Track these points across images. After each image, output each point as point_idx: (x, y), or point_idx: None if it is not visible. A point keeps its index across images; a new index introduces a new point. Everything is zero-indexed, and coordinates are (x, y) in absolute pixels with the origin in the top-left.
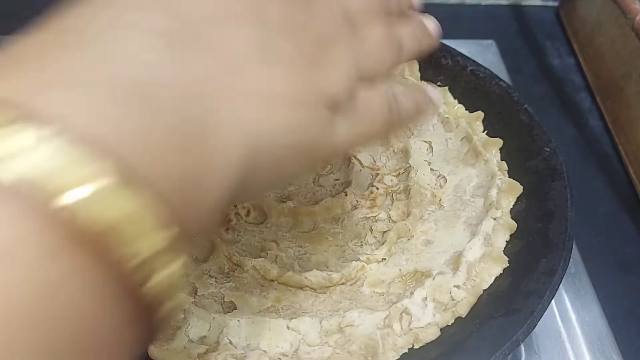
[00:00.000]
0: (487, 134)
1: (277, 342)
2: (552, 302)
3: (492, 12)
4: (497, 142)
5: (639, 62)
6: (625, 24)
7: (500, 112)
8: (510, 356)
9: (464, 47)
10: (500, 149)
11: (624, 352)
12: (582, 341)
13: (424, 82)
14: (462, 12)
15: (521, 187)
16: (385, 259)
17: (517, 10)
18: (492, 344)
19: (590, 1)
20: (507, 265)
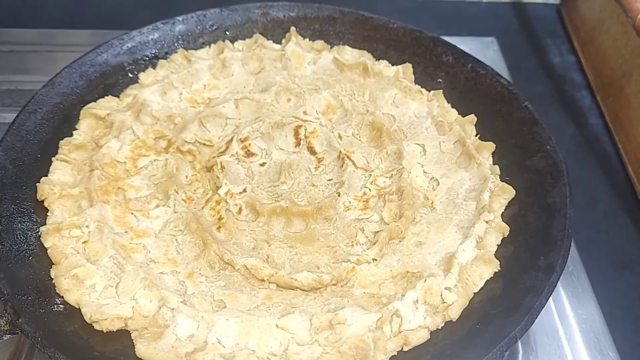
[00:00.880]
0: (486, 131)
1: (267, 342)
2: (550, 299)
3: (493, 9)
4: (490, 145)
5: (639, 61)
6: (626, 22)
7: (500, 110)
8: (507, 353)
9: (465, 44)
10: (492, 153)
11: (621, 350)
12: (579, 338)
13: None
14: (463, 9)
15: (514, 190)
16: (376, 260)
17: (519, 7)
18: (489, 341)
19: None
20: (498, 269)
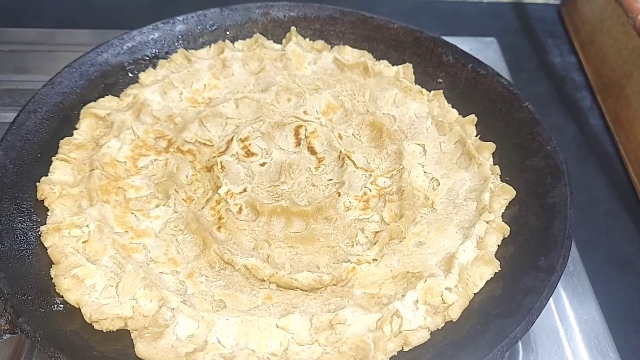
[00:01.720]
0: (487, 132)
1: (267, 342)
2: (550, 299)
3: (494, 9)
4: (490, 146)
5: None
6: (626, 22)
7: (500, 110)
8: (507, 353)
9: (466, 44)
10: (493, 153)
11: (621, 350)
12: (579, 339)
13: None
14: (463, 9)
15: (514, 191)
16: (376, 260)
17: (519, 8)
18: (490, 341)
19: (592, 0)
20: (499, 269)
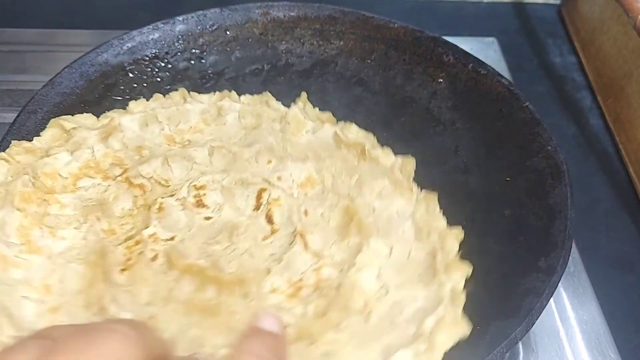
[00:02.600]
0: (487, 132)
1: None
2: (551, 300)
3: (494, 9)
4: (465, 268)
5: None
6: (627, 22)
7: (501, 110)
8: (508, 354)
9: (466, 44)
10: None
11: (622, 351)
12: (580, 339)
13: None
14: (464, 9)
15: (467, 327)
16: None
17: (519, 7)
18: (489, 342)
19: (592, 0)
20: None
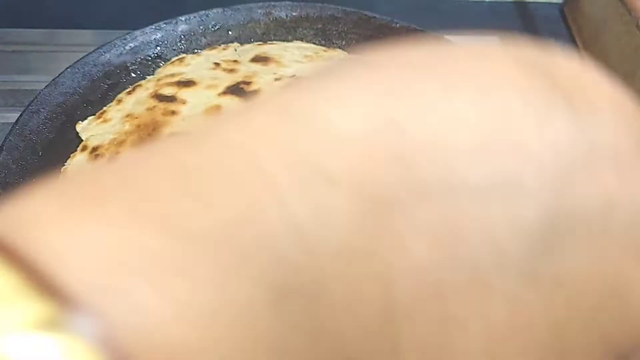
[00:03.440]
0: None
1: None
2: None
3: (496, 8)
4: None
5: None
6: (630, 21)
7: None
8: None
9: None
10: None
11: None
12: None
13: None
14: (466, 8)
15: None
16: None
17: (522, 6)
18: None
19: None
20: None
